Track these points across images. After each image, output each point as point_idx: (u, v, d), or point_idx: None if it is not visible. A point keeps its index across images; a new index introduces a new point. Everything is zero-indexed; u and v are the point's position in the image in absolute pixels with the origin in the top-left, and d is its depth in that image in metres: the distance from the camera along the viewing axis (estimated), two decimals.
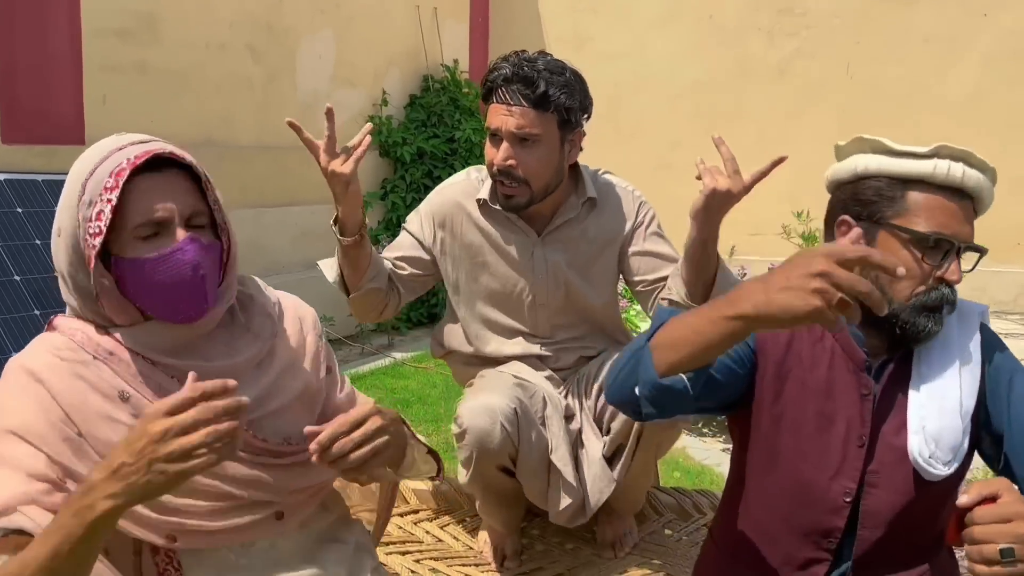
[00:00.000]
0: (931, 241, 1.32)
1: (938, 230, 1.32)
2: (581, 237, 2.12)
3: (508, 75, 1.95)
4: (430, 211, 2.16)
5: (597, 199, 2.12)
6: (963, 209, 1.33)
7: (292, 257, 4.98)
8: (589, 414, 2.12)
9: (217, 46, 4.54)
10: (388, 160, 5.70)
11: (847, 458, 1.40)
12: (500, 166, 1.98)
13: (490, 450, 1.92)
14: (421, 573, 2.16)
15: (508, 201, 2.03)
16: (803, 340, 1.44)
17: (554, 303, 2.14)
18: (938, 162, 1.32)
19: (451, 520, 2.42)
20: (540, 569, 2.21)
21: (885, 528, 1.39)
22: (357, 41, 5.42)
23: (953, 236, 1.32)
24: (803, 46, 6.22)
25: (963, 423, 1.33)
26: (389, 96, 5.69)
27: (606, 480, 2.05)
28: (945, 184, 1.32)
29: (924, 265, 1.32)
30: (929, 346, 1.38)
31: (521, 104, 1.94)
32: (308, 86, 5.12)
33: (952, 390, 1.34)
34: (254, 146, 4.80)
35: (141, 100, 4.12)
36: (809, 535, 1.42)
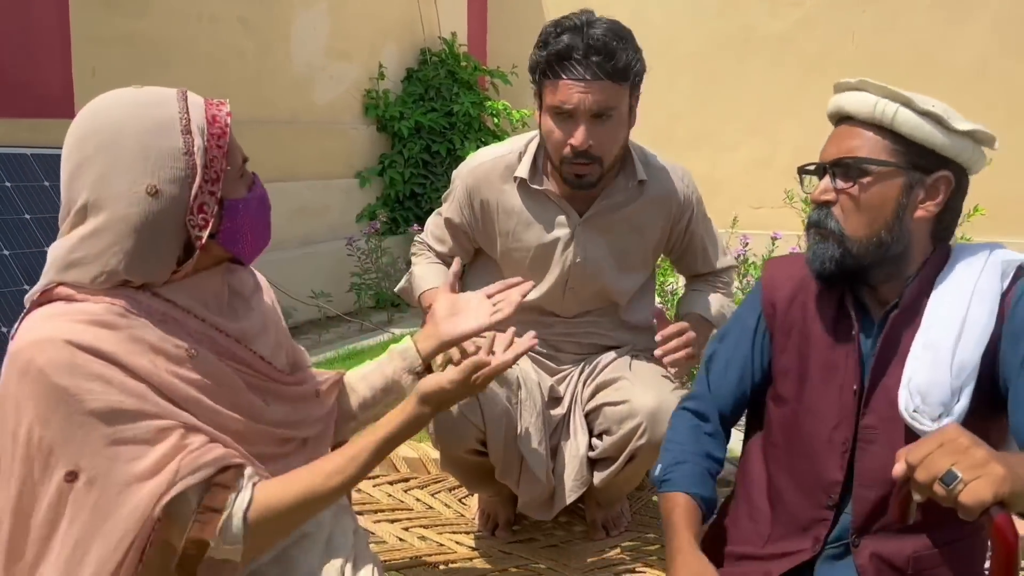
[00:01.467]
0: (817, 170, 1.38)
1: (818, 160, 1.38)
2: (624, 222, 2.00)
3: (582, 47, 1.76)
4: (465, 191, 2.03)
5: (647, 181, 1.99)
6: (839, 132, 1.37)
7: (288, 233, 4.91)
8: (582, 408, 2.04)
9: (209, 18, 4.46)
10: (385, 135, 5.62)
11: (844, 409, 1.36)
12: (582, 147, 1.82)
13: (454, 436, 1.87)
14: (409, 540, 2.12)
15: (580, 180, 1.88)
16: (808, 291, 1.42)
17: (587, 289, 2.04)
18: (830, 100, 1.40)
19: (442, 488, 2.38)
20: (532, 540, 2.17)
21: (883, 488, 1.34)
22: (352, 13, 5.33)
23: (820, 160, 1.37)
24: (807, 15, 6.10)
25: (955, 378, 1.26)
26: (386, 69, 5.60)
27: (580, 480, 1.97)
28: (834, 117, 1.40)
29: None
30: (942, 292, 1.32)
31: (600, 79, 1.77)
32: (302, 59, 5.04)
33: (947, 340, 1.27)
34: (247, 120, 4.72)
35: (131, 72, 4.04)
36: (811, 490, 1.39)
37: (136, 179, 1.13)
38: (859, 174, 1.31)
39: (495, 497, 2.15)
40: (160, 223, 1.15)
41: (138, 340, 1.14)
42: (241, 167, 1.25)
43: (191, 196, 1.16)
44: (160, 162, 1.14)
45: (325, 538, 1.42)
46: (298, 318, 4.67)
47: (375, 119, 5.53)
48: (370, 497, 2.32)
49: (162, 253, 1.17)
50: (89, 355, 1.10)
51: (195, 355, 1.20)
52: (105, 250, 1.15)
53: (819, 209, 1.36)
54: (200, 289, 1.25)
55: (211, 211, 1.17)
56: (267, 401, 1.33)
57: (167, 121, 1.15)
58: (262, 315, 1.38)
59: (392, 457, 2.47)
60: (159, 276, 1.20)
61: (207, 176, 1.16)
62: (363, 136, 5.52)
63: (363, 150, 5.52)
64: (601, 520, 2.20)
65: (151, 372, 1.14)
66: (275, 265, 4.62)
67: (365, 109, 5.50)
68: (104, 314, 1.13)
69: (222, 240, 1.23)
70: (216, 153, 1.18)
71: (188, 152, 1.15)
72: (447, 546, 2.10)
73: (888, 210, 1.31)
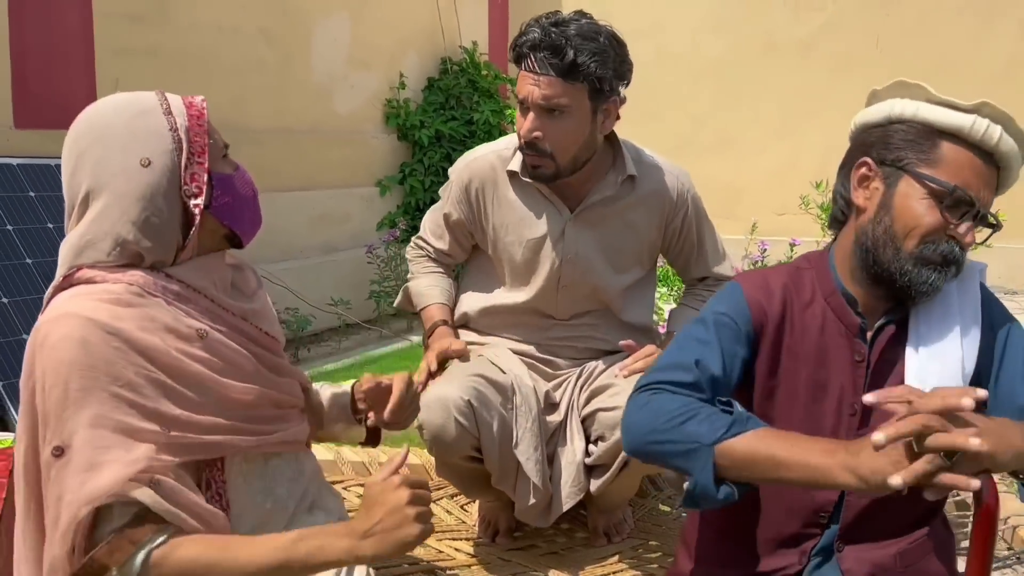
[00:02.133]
0: (952, 195, 1.25)
1: (963, 185, 1.25)
2: (616, 218, 2.01)
3: (536, 41, 1.82)
4: (462, 184, 2.06)
5: (637, 177, 2.00)
6: (989, 173, 1.27)
7: (309, 241, 4.96)
8: (579, 414, 2.03)
9: (230, 29, 4.52)
10: (406, 143, 5.66)
11: (840, 428, 1.34)
12: (526, 137, 1.88)
13: (447, 443, 1.87)
14: None
15: (534, 171, 1.93)
16: (794, 306, 1.38)
17: (580, 287, 2.04)
18: (978, 119, 1.26)
19: (444, 495, 2.38)
20: (533, 547, 2.16)
21: (872, 496, 1.32)
22: (373, 23, 5.38)
23: (976, 196, 1.26)
24: (830, 19, 6.06)
25: (965, 385, 1.26)
26: (406, 79, 5.64)
27: (577, 487, 1.96)
28: (979, 143, 1.26)
29: (940, 216, 1.26)
30: (929, 306, 1.31)
31: (548, 73, 1.82)
32: (323, 68, 5.09)
33: (954, 351, 1.27)
34: (269, 129, 4.79)
35: (153, 84, 4.09)
36: (800, 511, 1.37)
37: (129, 156, 1.23)
38: (983, 223, 1.31)
39: (495, 503, 2.15)
40: (158, 191, 1.25)
41: (152, 319, 1.23)
42: (223, 148, 1.35)
43: (182, 167, 1.26)
44: (148, 138, 1.24)
45: None
46: (318, 325, 4.71)
47: (396, 128, 5.57)
48: None
49: (165, 219, 1.26)
50: (104, 332, 1.17)
51: (205, 335, 1.28)
52: (114, 224, 1.24)
53: (960, 248, 1.29)
54: (207, 270, 1.33)
55: (202, 180, 1.27)
56: (277, 372, 1.42)
57: (149, 107, 1.27)
58: (264, 306, 1.47)
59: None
60: (167, 248, 1.28)
61: (192, 149, 1.26)
62: (384, 145, 5.57)
63: (384, 159, 5.56)
64: (603, 527, 2.18)
65: (161, 350, 1.21)
66: (295, 272, 4.67)
67: (386, 118, 5.55)
68: (123, 293, 1.22)
69: (217, 212, 1.31)
70: (197, 130, 1.28)
71: (172, 128, 1.26)
72: (446, 552, 2.11)
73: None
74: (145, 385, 1.19)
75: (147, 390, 1.18)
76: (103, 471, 1.12)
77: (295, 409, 1.46)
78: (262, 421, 1.35)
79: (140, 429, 1.16)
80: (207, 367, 1.26)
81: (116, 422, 1.15)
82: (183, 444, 1.21)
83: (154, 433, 1.18)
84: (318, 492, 1.54)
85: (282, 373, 1.44)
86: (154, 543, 1.13)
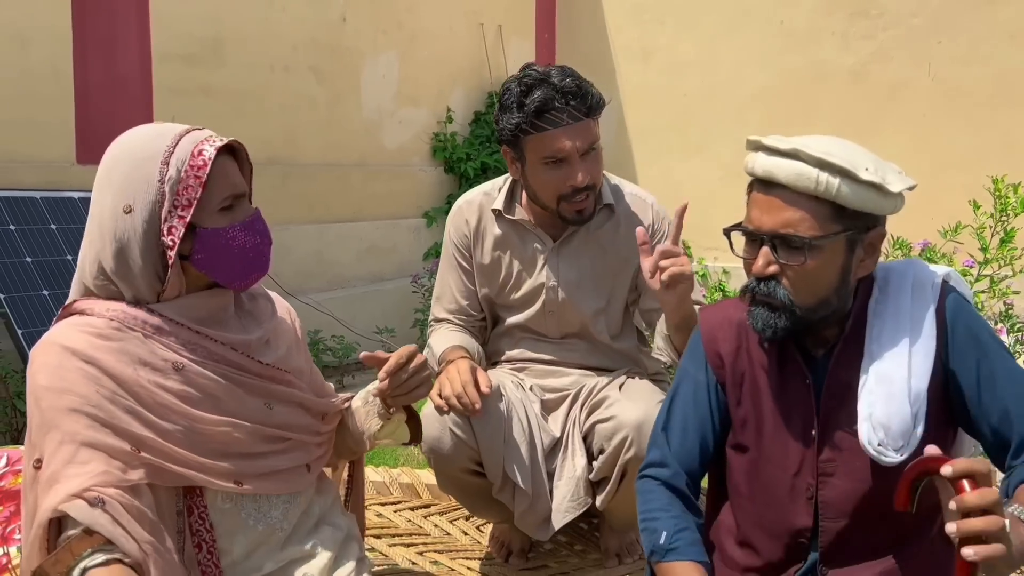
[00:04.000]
0: (741, 234, 1.31)
1: (744, 224, 1.30)
2: (596, 245, 2.08)
3: (558, 96, 1.87)
4: (454, 231, 2.15)
5: (615, 206, 2.08)
6: (772, 202, 1.27)
7: (356, 272, 5.09)
8: (580, 430, 2.05)
9: (281, 68, 4.72)
10: (453, 176, 5.78)
11: (805, 453, 1.35)
12: (585, 183, 1.92)
13: (445, 455, 1.92)
14: (421, 564, 2.16)
15: (581, 215, 1.98)
16: (750, 338, 1.40)
17: (567, 313, 2.11)
18: (747, 157, 1.31)
19: (461, 515, 2.42)
20: (544, 567, 2.18)
21: (848, 518, 1.33)
22: (421, 60, 5.54)
23: (755, 229, 1.28)
24: (880, 49, 5.99)
25: (912, 407, 1.26)
26: (453, 113, 5.78)
27: (576, 502, 1.98)
28: (758, 177, 1.29)
29: (744, 258, 1.32)
30: (882, 323, 1.31)
31: (581, 119, 1.89)
32: (372, 104, 5.26)
33: (900, 372, 1.27)
34: (319, 163, 4.96)
35: (208, 121, 4.30)
36: (780, 536, 1.38)
37: (118, 199, 1.32)
38: (806, 250, 1.25)
39: (505, 523, 2.17)
40: (133, 237, 1.32)
41: (127, 352, 1.31)
42: (228, 200, 1.37)
43: (161, 219, 1.31)
44: (137, 186, 1.31)
45: (330, 560, 1.51)
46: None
47: (443, 161, 5.70)
48: (389, 522, 2.38)
49: (138, 264, 1.33)
50: (80, 361, 1.27)
51: (181, 368, 1.34)
52: (96, 254, 1.34)
53: (765, 281, 1.29)
54: (194, 307, 1.38)
55: (178, 234, 1.31)
56: (270, 405, 1.44)
57: (153, 153, 1.33)
58: (275, 333, 1.51)
59: (414, 483, 2.53)
60: (144, 289, 1.34)
61: (176, 203, 1.31)
62: (431, 177, 5.70)
63: (431, 191, 5.69)
64: (615, 548, 2.20)
65: (132, 380, 1.29)
66: (343, 301, 4.80)
67: (433, 151, 5.68)
68: (103, 327, 1.31)
69: (196, 263, 1.36)
70: (191, 183, 1.32)
71: (160, 180, 1.31)
72: (458, 571, 2.14)
73: (834, 275, 1.29)
74: (116, 408, 1.27)
75: (118, 412, 1.26)
76: (60, 485, 1.21)
77: (293, 441, 1.47)
78: (243, 457, 1.38)
79: (110, 445, 1.25)
80: (180, 398, 1.32)
81: (85, 437, 1.23)
82: (153, 466, 1.28)
83: (123, 452, 1.25)
84: (327, 510, 1.58)
85: (289, 403, 1.46)
86: (94, 560, 1.19)
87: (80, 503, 1.20)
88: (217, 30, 4.38)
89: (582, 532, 2.32)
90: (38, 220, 3.72)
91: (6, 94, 3.59)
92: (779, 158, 1.26)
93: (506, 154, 2.01)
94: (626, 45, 6.50)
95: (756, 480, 1.39)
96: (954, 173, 5.42)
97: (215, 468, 1.35)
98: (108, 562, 1.20)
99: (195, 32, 4.29)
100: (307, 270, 4.79)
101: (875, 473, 1.30)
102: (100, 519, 1.19)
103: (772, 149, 1.26)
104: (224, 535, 1.40)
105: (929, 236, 3.63)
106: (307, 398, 1.51)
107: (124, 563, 1.21)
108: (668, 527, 1.35)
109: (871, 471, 1.30)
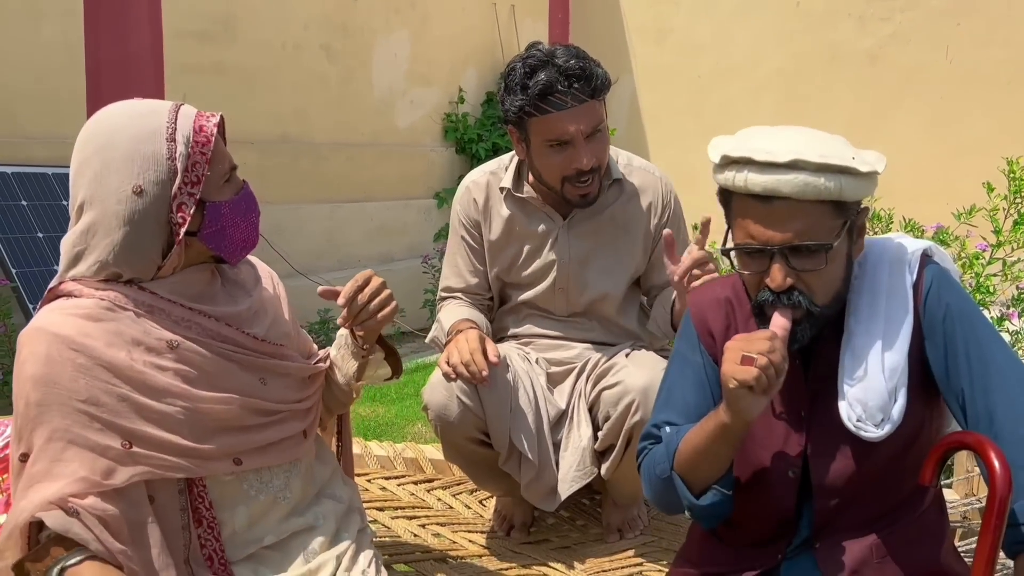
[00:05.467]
0: (744, 252, 1.26)
1: (745, 241, 1.25)
2: (607, 221, 2.07)
3: (562, 78, 1.84)
4: (461, 210, 2.14)
5: (624, 181, 2.06)
6: (772, 211, 1.21)
7: (367, 251, 5.11)
8: (586, 401, 2.06)
9: (293, 46, 4.72)
10: (464, 156, 5.78)
11: (790, 433, 1.35)
12: (590, 166, 1.90)
13: (451, 423, 1.92)
14: (424, 537, 2.17)
15: (585, 199, 1.96)
16: (737, 317, 1.41)
17: (577, 290, 2.10)
18: (727, 173, 1.24)
19: (464, 490, 2.43)
20: (546, 541, 2.18)
21: (839, 496, 1.34)
22: (433, 40, 5.53)
23: (766, 243, 1.22)
24: (897, 31, 5.92)
25: (888, 382, 1.25)
26: (465, 93, 5.77)
27: (583, 471, 1.98)
28: (755, 194, 1.22)
29: (746, 274, 1.28)
30: (859, 302, 1.30)
31: (586, 101, 1.86)
32: (384, 84, 5.26)
33: (875, 346, 1.26)
34: (330, 143, 4.96)
35: (219, 99, 4.33)
36: (770, 516, 1.38)
37: (124, 180, 1.28)
38: (824, 253, 1.22)
39: (510, 497, 2.18)
40: (144, 219, 1.29)
41: (119, 333, 1.29)
42: (227, 173, 1.36)
43: (172, 196, 1.29)
44: (145, 165, 1.28)
45: (331, 532, 1.51)
46: None
47: (454, 141, 5.70)
48: (392, 495, 2.39)
49: (147, 246, 1.31)
50: (69, 349, 1.25)
51: (176, 346, 1.32)
52: (99, 242, 1.30)
53: (786, 294, 1.25)
54: (185, 283, 1.37)
55: (188, 211, 1.30)
56: (264, 380, 1.43)
57: (155, 129, 1.29)
58: (261, 302, 1.49)
59: (418, 458, 2.54)
60: (146, 268, 1.33)
61: (187, 179, 1.29)
62: (442, 158, 5.70)
63: (441, 171, 5.69)
64: (617, 523, 2.19)
65: (126, 365, 1.27)
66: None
67: (444, 132, 5.68)
68: (93, 308, 1.29)
69: (204, 239, 1.35)
70: (199, 159, 1.30)
71: (170, 158, 1.28)
72: (459, 544, 2.15)
73: (843, 268, 1.28)
74: (108, 400, 1.25)
75: (110, 405, 1.25)
76: (41, 486, 1.22)
77: (288, 411, 1.46)
78: (240, 431, 1.38)
79: (97, 443, 1.24)
80: (178, 378, 1.31)
81: (73, 435, 1.23)
82: (146, 461, 1.27)
83: (112, 449, 1.25)
84: (330, 479, 1.59)
85: (282, 375, 1.45)
86: (69, 560, 1.22)
87: (57, 512, 1.20)
88: (229, 7, 4.38)
89: (584, 507, 2.32)
90: (50, 196, 3.75)
91: (18, 69, 3.61)
92: (777, 173, 1.19)
93: (512, 134, 2.00)
94: (640, 26, 6.45)
95: (745, 462, 1.39)
96: (970, 157, 5.36)
97: (212, 452, 1.34)
98: (84, 559, 1.22)
99: (207, 9, 4.30)
100: (317, 249, 4.80)
101: (862, 451, 1.29)
102: (75, 528, 1.21)
103: (767, 164, 1.20)
104: (225, 507, 1.40)
105: (944, 220, 3.59)
106: (298, 367, 1.50)
107: (99, 559, 1.23)
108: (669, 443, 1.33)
109: (859, 449, 1.30)
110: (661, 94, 6.29)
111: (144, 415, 1.28)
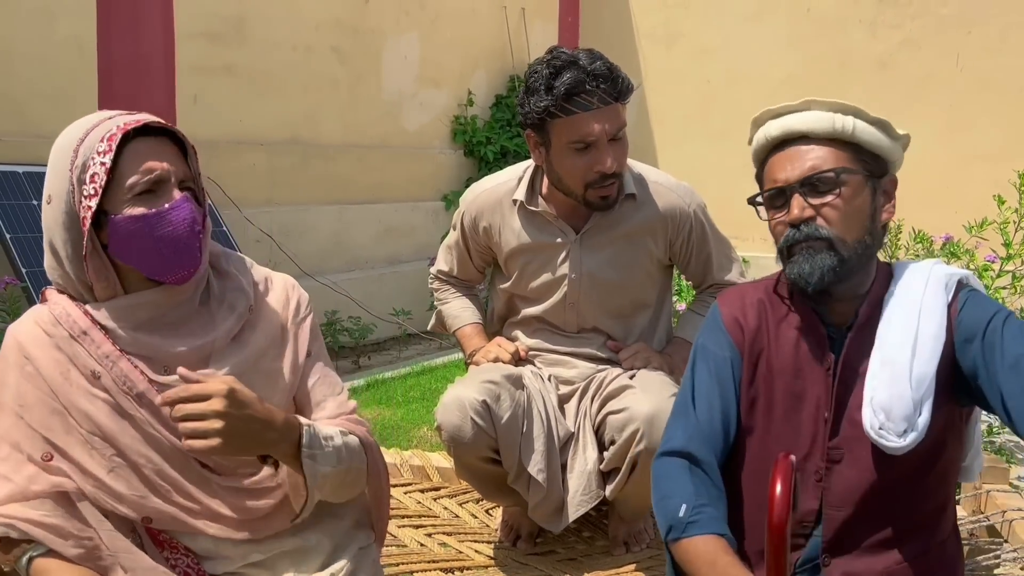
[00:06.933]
0: (767, 198, 1.37)
1: (769, 186, 1.36)
2: (621, 236, 2.05)
3: (588, 79, 1.84)
4: (470, 219, 2.15)
5: (638, 196, 2.04)
6: (792, 154, 1.34)
7: (375, 253, 5.11)
8: (592, 423, 2.06)
9: (303, 48, 4.72)
10: (472, 159, 5.78)
11: (816, 437, 1.34)
12: (613, 169, 1.89)
13: (465, 443, 1.93)
14: (430, 546, 2.18)
15: (606, 201, 1.96)
16: (770, 319, 1.41)
17: (587, 303, 2.09)
18: (758, 134, 1.39)
19: (470, 499, 2.43)
20: (552, 552, 2.19)
21: (852, 507, 1.33)
22: (443, 42, 5.53)
23: (783, 183, 1.33)
24: (908, 37, 5.90)
25: (915, 392, 1.25)
26: (475, 96, 5.77)
27: (588, 495, 1.99)
28: (776, 145, 1.36)
29: (772, 223, 1.37)
30: (892, 309, 1.31)
31: (611, 103, 1.87)
32: (393, 86, 5.26)
33: (904, 355, 1.27)
34: (339, 144, 4.97)
35: (230, 100, 4.34)
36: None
37: (44, 190, 1.31)
38: (835, 185, 1.31)
39: (516, 508, 2.18)
40: (55, 227, 1.29)
41: (62, 350, 1.29)
42: (144, 185, 1.26)
43: (77, 207, 1.27)
44: (53, 177, 1.29)
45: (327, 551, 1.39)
46: (379, 334, 4.85)
47: (463, 144, 5.70)
48: (399, 503, 2.40)
49: (65, 256, 1.29)
50: (22, 356, 1.29)
51: (99, 377, 1.29)
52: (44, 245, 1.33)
53: (802, 226, 1.32)
54: (132, 309, 1.30)
55: (87, 222, 1.26)
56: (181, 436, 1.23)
57: (68, 142, 1.29)
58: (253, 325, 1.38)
59: (425, 466, 2.54)
60: (73, 284, 1.30)
61: (84, 192, 1.26)
62: (450, 160, 5.70)
63: (450, 174, 5.69)
64: (623, 536, 2.20)
65: (59, 382, 1.28)
66: (360, 282, 4.82)
67: (453, 134, 5.68)
68: (48, 322, 1.30)
69: (114, 254, 1.29)
70: (97, 170, 1.25)
71: (70, 169, 1.26)
72: (465, 554, 2.15)
73: (866, 215, 1.34)
74: (40, 412, 1.27)
75: (41, 417, 1.27)
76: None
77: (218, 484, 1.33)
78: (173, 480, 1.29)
79: (23, 449, 1.27)
80: (105, 408, 1.28)
81: (13, 440, 1.27)
82: (60, 474, 1.27)
83: (33, 459, 1.27)
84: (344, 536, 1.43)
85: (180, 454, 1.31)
86: (36, 551, 1.24)
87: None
88: (240, 9, 4.39)
89: (590, 519, 2.33)
90: None
91: (31, 69, 3.62)
92: (793, 114, 1.35)
93: (529, 139, 1.98)
94: (650, 30, 6.44)
95: (762, 462, 1.38)
96: (981, 166, 5.35)
97: (124, 497, 1.29)
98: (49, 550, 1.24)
99: (218, 10, 4.31)
100: (326, 250, 4.81)
101: (882, 463, 1.30)
102: (13, 534, 1.23)
103: (783, 110, 1.36)
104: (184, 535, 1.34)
105: (953, 230, 3.58)
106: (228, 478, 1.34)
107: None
108: (688, 500, 1.29)
109: (878, 460, 1.30)
110: (670, 99, 6.28)
111: (73, 434, 1.28)
